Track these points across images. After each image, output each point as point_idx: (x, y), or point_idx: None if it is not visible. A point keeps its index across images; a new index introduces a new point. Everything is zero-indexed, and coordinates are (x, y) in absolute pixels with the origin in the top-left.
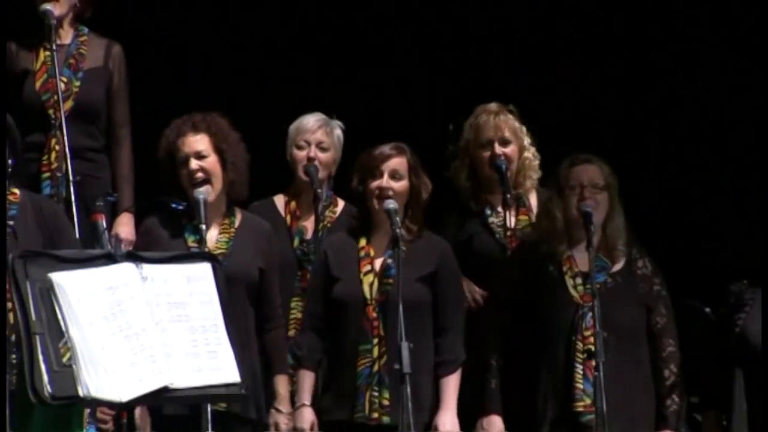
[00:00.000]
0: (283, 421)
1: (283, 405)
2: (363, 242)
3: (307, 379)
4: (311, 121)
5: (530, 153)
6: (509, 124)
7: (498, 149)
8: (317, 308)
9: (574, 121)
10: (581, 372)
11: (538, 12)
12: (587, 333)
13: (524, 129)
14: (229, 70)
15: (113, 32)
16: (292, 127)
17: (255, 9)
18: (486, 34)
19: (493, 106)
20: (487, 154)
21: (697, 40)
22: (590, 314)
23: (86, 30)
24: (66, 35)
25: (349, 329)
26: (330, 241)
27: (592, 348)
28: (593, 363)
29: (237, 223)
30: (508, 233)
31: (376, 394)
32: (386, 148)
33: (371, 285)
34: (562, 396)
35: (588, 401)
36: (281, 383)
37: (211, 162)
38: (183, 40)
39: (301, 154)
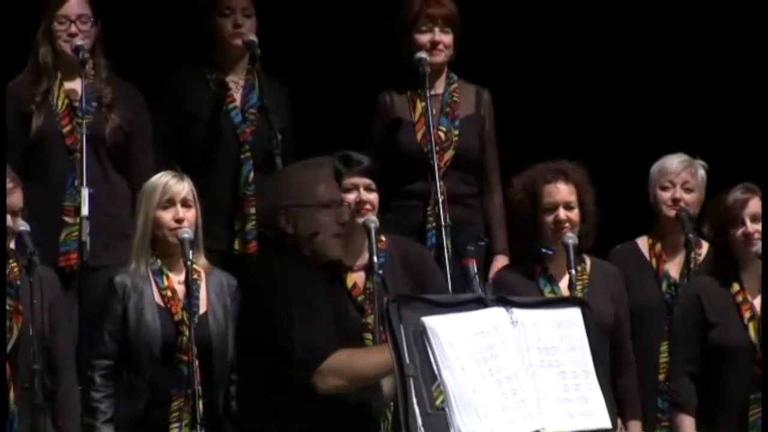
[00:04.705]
0: None
1: None
2: (737, 287)
3: (689, 425)
4: (675, 162)
5: None
6: None
7: None
8: (693, 353)
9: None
10: None
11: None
12: None
13: None
14: None
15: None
16: (655, 168)
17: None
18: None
19: None
20: None
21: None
22: None
23: (455, 77)
24: (439, 84)
25: (736, 377)
26: (699, 284)
27: None
28: None
29: (588, 270)
30: None
31: None
32: (739, 194)
33: (759, 331)
34: None
35: None
36: (635, 428)
37: (576, 213)
38: None
39: (665, 195)
